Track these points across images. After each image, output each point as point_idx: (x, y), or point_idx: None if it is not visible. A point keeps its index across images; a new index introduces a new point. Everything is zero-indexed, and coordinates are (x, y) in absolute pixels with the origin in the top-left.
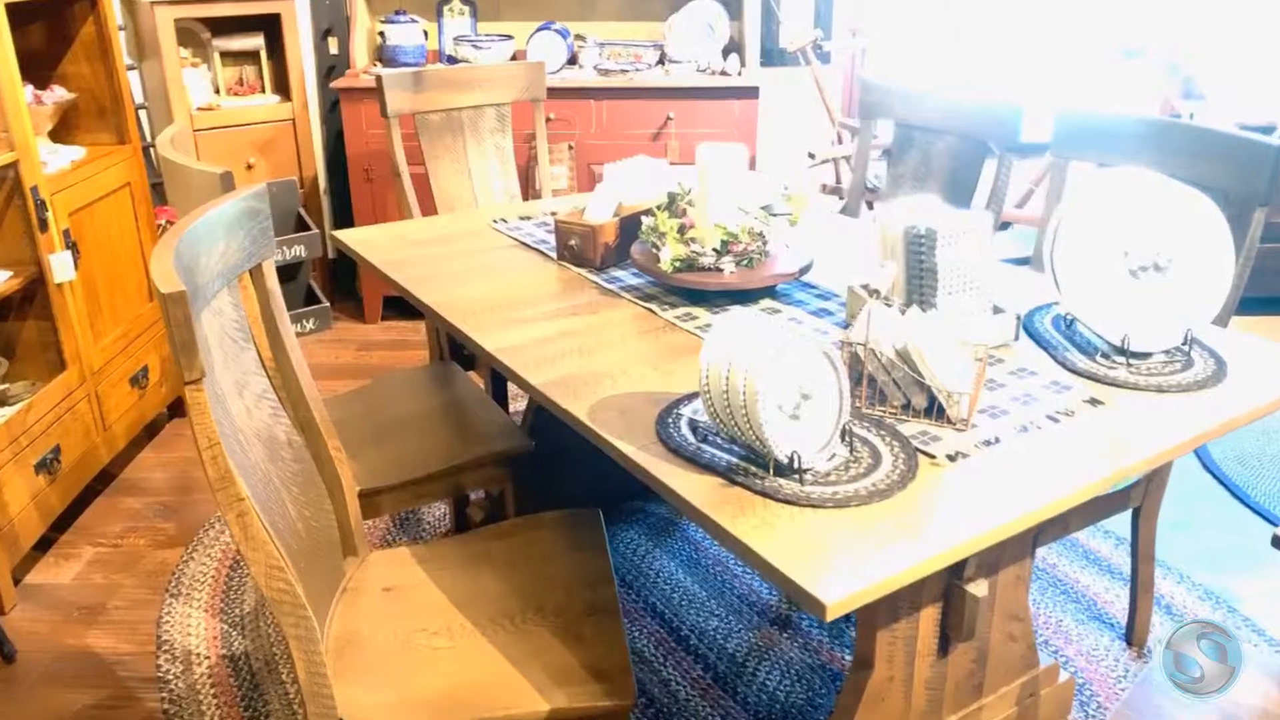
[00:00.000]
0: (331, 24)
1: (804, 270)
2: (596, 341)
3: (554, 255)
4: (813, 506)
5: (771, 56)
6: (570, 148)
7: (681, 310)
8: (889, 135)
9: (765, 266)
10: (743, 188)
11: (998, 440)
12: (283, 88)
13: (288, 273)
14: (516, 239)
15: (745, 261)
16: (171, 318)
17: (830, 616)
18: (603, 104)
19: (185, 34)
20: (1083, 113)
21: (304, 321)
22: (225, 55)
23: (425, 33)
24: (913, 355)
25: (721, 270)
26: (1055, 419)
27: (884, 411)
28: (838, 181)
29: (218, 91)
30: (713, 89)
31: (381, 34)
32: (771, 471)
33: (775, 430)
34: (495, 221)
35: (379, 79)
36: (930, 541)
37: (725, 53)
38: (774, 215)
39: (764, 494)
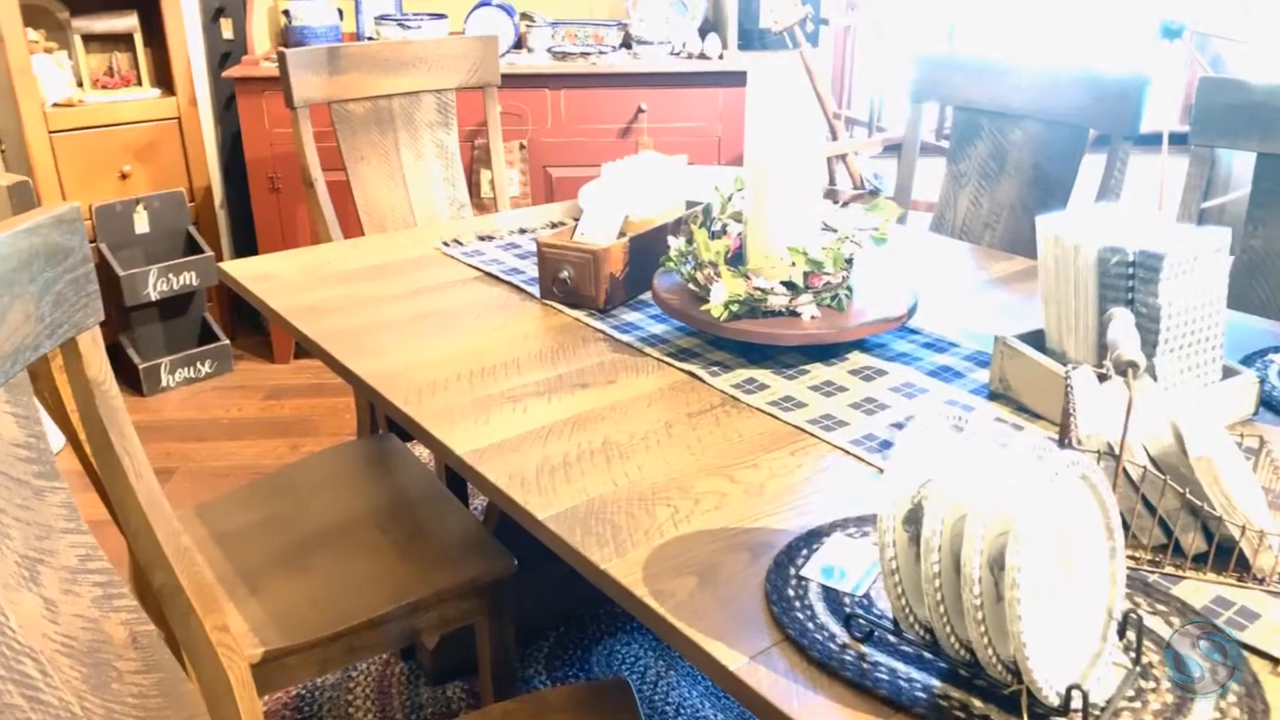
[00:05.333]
0: (224, 1)
1: (912, 312)
2: (623, 432)
3: (535, 292)
4: None
5: (751, 39)
6: (522, 147)
7: (740, 375)
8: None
9: (855, 307)
10: (806, 197)
11: None
12: (164, 79)
13: (178, 305)
14: (478, 268)
15: (832, 300)
16: None
17: None
18: (559, 94)
19: (35, 12)
20: (1238, 83)
21: (198, 364)
22: (89, 39)
23: (340, 11)
24: (1197, 467)
25: (799, 315)
26: None
27: (1131, 560)
28: (832, 183)
29: (80, 84)
30: (691, 75)
31: (286, 13)
32: (1026, 716)
33: (1035, 638)
34: (445, 244)
35: (281, 56)
36: None
37: (702, 33)
38: (858, 232)
39: None
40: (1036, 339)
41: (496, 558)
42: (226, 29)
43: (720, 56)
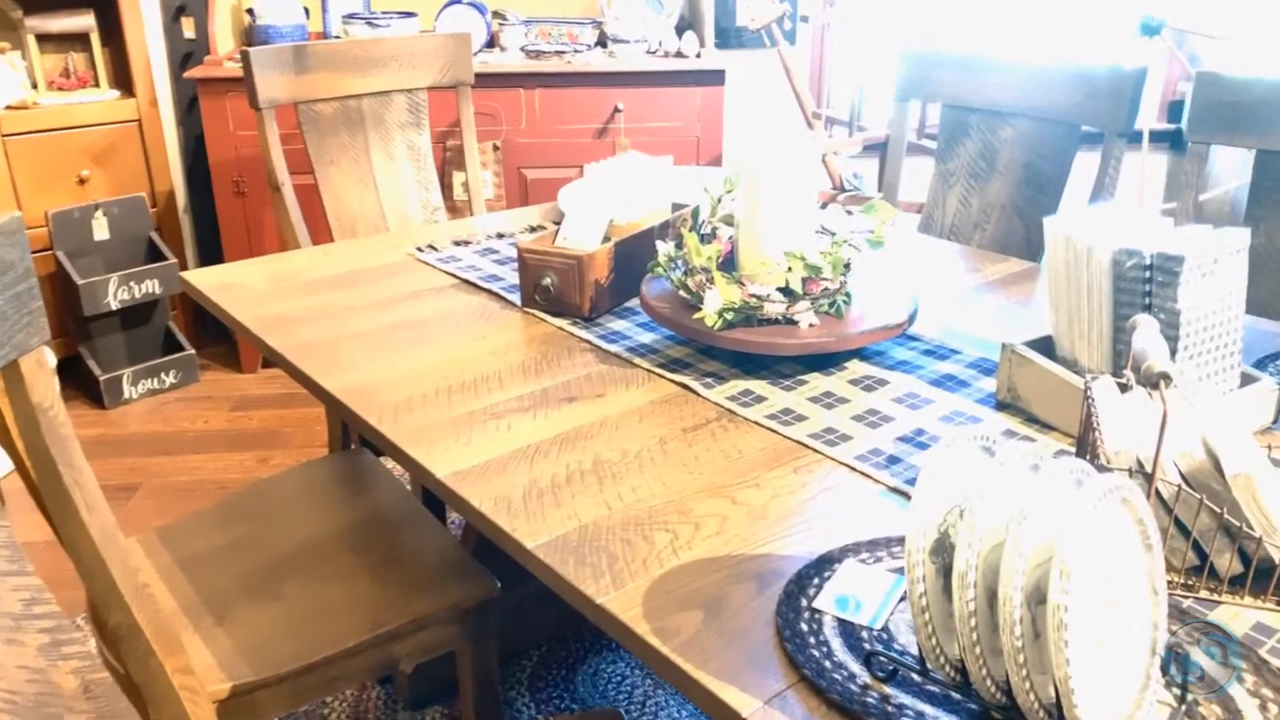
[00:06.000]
0: (185, 0)
1: (912, 318)
2: (615, 450)
3: (516, 300)
4: None
5: (728, 37)
6: (496, 148)
7: (735, 387)
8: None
9: (854, 314)
10: (802, 199)
11: None
12: (124, 80)
13: (140, 315)
14: (454, 275)
15: (830, 307)
16: None
17: None
18: (534, 93)
19: None
20: (1232, 79)
21: (162, 375)
22: (44, 39)
23: (306, 10)
24: (1235, 485)
25: (796, 323)
26: None
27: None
28: None
29: (35, 86)
30: (669, 74)
31: (250, 11)
32: None
33: (1082, 680)
34: (419, 250)
35: (245, 55)
36: None
37: (679, 31)
38: (853, 235)
39: None
40: (1044, 346)
41: (478, 580)
42: (188, 28)
43: (698, 55)
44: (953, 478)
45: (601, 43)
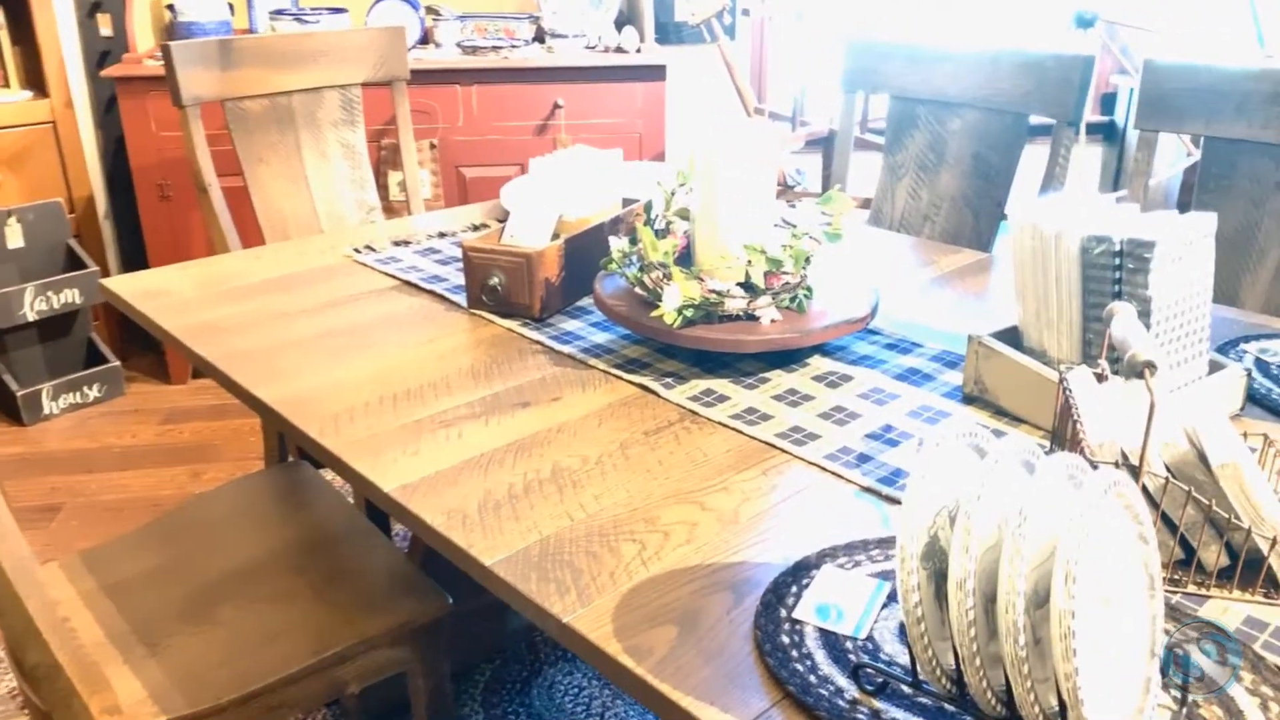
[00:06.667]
0: None
1: (874, 311)
2: (574, 456)
3: (462, 301)
4: None
5: (667, 32)
6: (432, 146)
7: (696, 386)
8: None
9: (815, 309)
10: (761, 190)
11: None
12: (36, 80)
13: (59, 326)
14: (395, 276)
15: (791, 301)
16: None
17: None
18: (471, 89)
19: None
20: (1180, 65)
21: (85, 389)
22: None
23: (231, 5)
24: (1222, 475)
25: (758, 319)
26: None
27: None
28: None
29: None
30: (609, 69)
31: (171, 7)
32: None
33: (1090, 690)
34: (356, 251)
35: (166, 50)
36: None
37: (618, 26)
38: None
39: None
40: (1010, 337)
41: (428, 596)
42: (104, 25)
43: (638, 50)
44: (942, 478)
45: (539, 38)
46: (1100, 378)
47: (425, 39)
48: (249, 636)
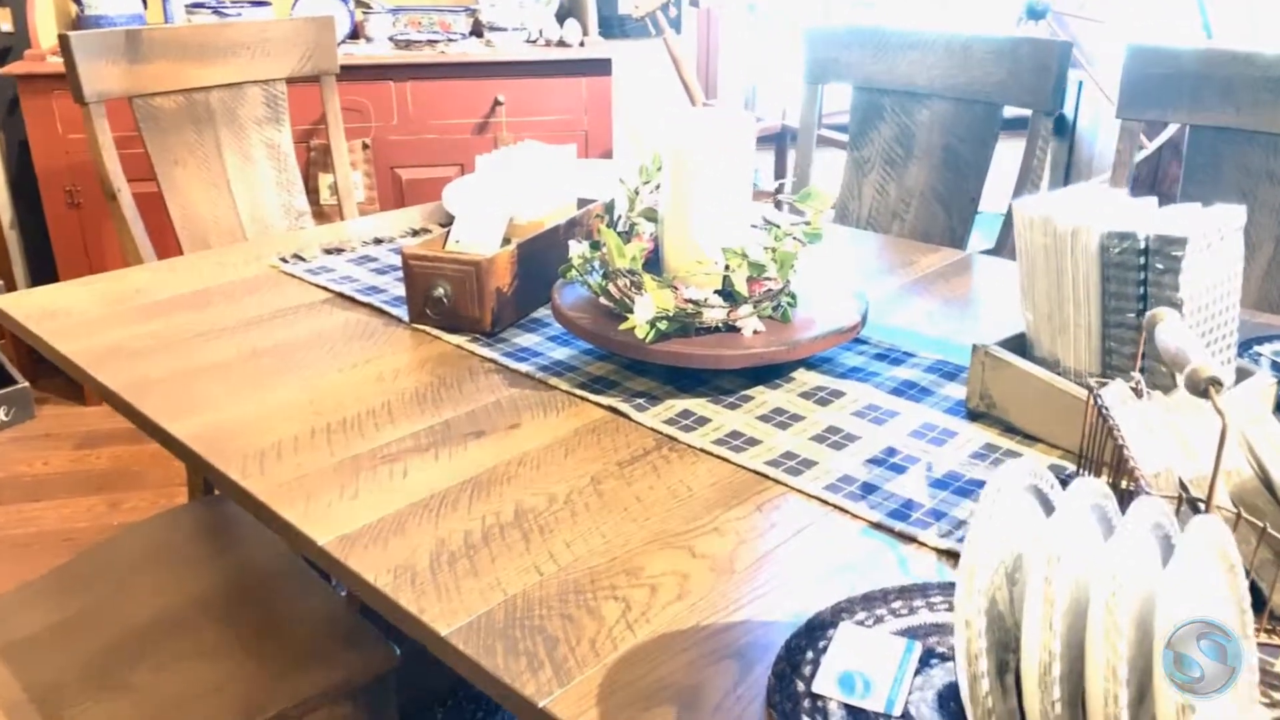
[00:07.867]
0: None
1: (864, 319)
2: (540, 495)
3: (403, 315)
4: None
5: (611, 26)
6: (365, 146)
7: (672, 408)
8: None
9: (800, 318)
10: (738, 186)
11: None
12: None
13: None
14: (327, 288)
15: (775, 310)
16: None
17: None
18: (405, 86)
19: None
20: (1164, 49)
21: None
22: None
23: (144, 0)
24: None
25: (739, 330)
26: None
27: None
28: None
29: None
30: (552, 63)
31: (77, 0)
32: None
33: None
34: (283, 260)
35: (64, 41)
36: None
37: (559, 19)
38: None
39: None
40: (1016, 345)
41: (373, 648)
42: (4, 20)
43: (581, 44)
44: (1001, 537)
45: (477, 32)
46: (1137, 392)
47: (355, 33)
48: (167, 702)
